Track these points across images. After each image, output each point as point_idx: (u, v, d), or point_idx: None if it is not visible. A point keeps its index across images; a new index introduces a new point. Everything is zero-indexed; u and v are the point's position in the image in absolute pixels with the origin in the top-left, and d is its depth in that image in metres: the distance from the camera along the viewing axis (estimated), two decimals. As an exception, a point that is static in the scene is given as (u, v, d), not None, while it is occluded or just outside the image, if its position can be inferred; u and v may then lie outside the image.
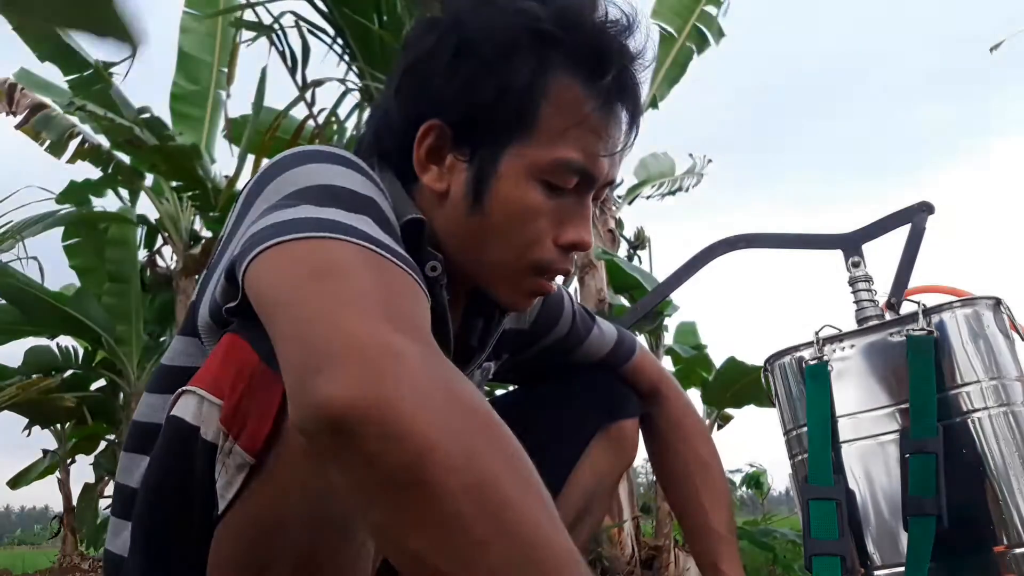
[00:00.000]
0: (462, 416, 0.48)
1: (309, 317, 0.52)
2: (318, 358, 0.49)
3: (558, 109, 0.77)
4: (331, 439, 0.47)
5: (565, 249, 0.81)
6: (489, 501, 0.45)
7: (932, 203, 1.39)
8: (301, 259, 0.57)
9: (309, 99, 3.02)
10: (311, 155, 0.71)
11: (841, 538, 1.16)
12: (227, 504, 0.64)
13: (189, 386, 0.67)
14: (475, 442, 0.47)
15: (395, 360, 0.48)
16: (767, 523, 4.29)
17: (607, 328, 1.13)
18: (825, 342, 1.27)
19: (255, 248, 0.60)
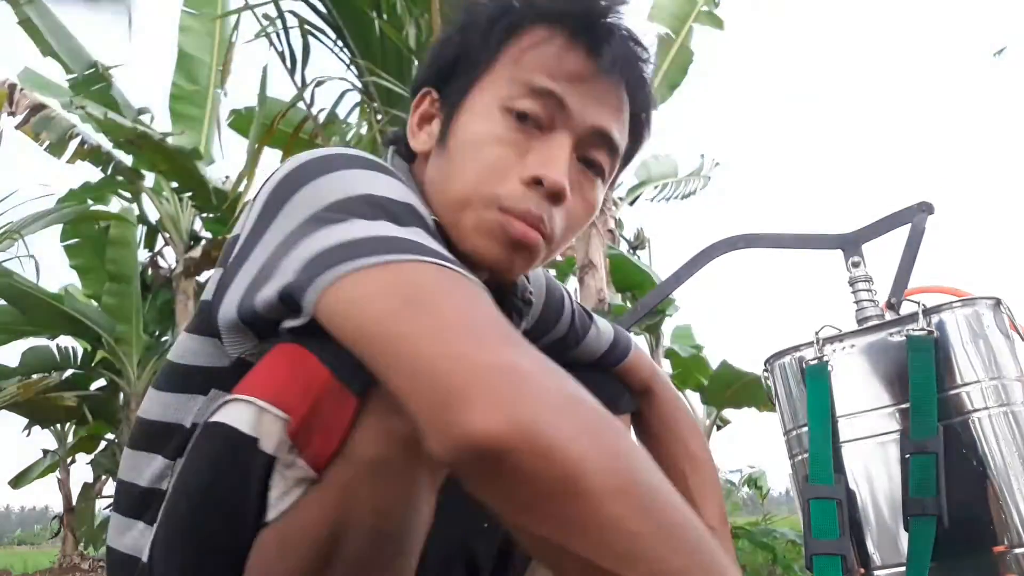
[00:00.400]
0: (589, 418, 0.51)
1: (426, 351, 0.53)
2: (451, 392, 0.50)
3: (521, 44, 0.78)
4: (484, 468, 0.49)
5: (529, 185, 0.75)
6: (638, 496, 0.48)
7: (932, 203, 1.39)
8: (388, 288, 0.57)
9: (308, 98, 3.03)
10: (337, 160, 0.70)
11: (841, 537, 1.16)
12: (279, 513, 0.63)
13: (242, 395, 0.65)
14: (609, 441, 0.50)
15: (522, 379, 0.50)
16: (767, 523, 4.29)
17: (604, 328, 1.13)
18: (825, 342, 1.27)
19: (326, 274, 0.59)
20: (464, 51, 0.80)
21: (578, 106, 0.76)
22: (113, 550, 0.77)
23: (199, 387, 0.73)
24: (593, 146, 0.79)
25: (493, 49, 0.79)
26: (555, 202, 0.76)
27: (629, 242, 7.30)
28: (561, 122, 0.76)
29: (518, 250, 0.77)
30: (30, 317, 5.91)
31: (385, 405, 0.61)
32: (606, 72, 0.77)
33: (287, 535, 0.63)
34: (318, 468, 0.62)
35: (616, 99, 0.79)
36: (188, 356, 0.77)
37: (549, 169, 0.74)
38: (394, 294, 0.57)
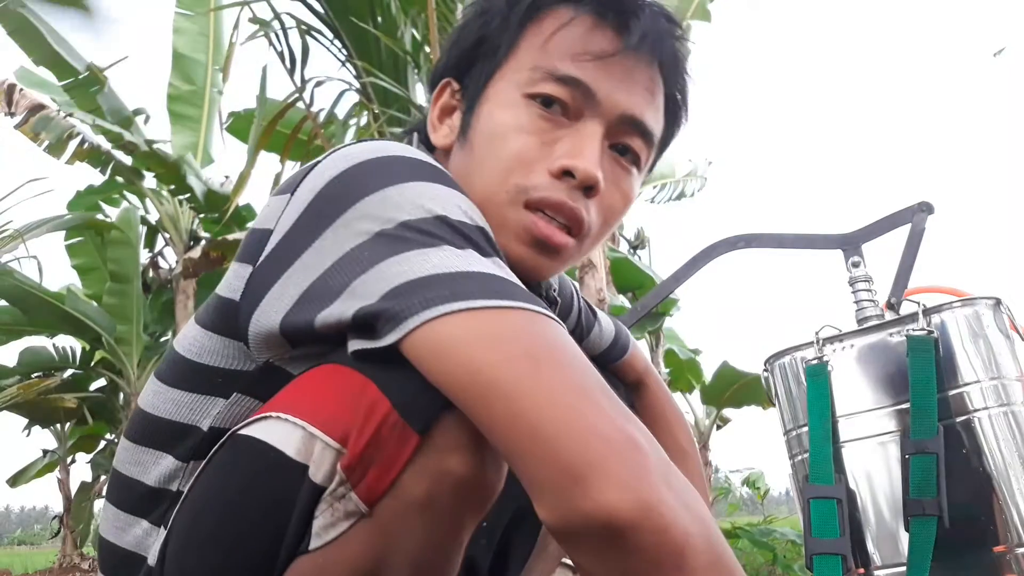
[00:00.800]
0: (686, 492, 0.54)
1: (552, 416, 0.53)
2: (582, 466, 0.52)
3: (543, 27, 0.74)
4: (602, 540, 0.52)
5: (558, 176, 0.70)
6: (726, 568, 0.53)
7: (932, 203, 1.39)
8: (503, 337, 0.56)
9: (308, 98, 3.02)
10: (400, 167, 0.65)
11: (842, 537, 1.16)
12: (322, 543, 0.61)
13: (286, 414, 0.62)
14: (703, 515, 0.54)
15: (644, 456, 0.53)
16: (767, 524, 4.30)
17: (606, 325, 1.13)
18: (825, 342, 1.27)
19: (429, 309, 0.56)
20: (483, 37, 0.76)
21: (607, 91, 0.71)
22: (111, 543, 0.75)
23: (219, 389, 0.70)
24: (625, 133, 0.74)
25: (514, 33, 0.74)
26: (589, 194, 0.72)
27: (629, 242, 7.30)
28: (590, 109, 0.72)
29: (545, 252, 0.72)
30: (30, 317, 5.91)
31: (443, 444, 0.60)
32: (636, 51, 0.72)
33: (326, 566, 0.61)
34: (370, 503, 0.60)
35: (648, 80, 0.75)
36: (205, 355, 0.71)
37: (580, 159, 0.70)
38: (510, 345, 0.56)
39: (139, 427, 0.74)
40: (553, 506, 0.53)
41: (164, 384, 0.74)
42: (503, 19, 0.75)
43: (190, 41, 5.84)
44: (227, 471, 0.65)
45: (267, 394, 0.68)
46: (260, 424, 0.63)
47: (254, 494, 0.63)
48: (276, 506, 0.62)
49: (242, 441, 0.64)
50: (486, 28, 0.76)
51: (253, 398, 0.70)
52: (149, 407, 0.74)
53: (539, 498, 0.53)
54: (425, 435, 0.59)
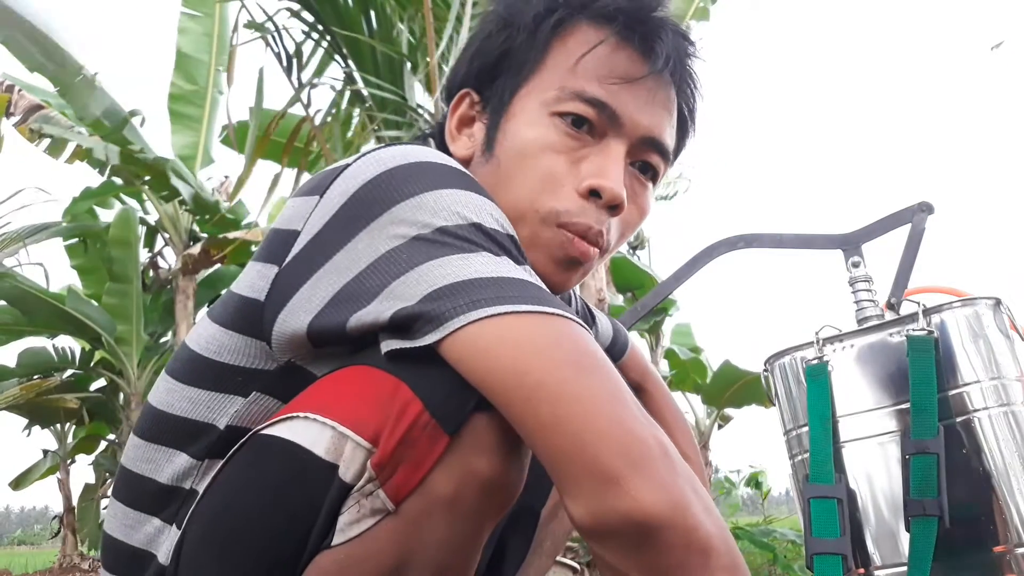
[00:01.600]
0: (706, 497, 0.57)
1: (594, 418, 0.56)
2: (621, 466, 0.55)
3: (568, 45, 0.75)
4: (634, 539, 0.55)
5: (585, 196, 0.72)
6: (738, 566, 0.56)
7: (932, 203, 1.39)
8: (548, 341, 0.58)
9: (305, 100, 3.02)
10: (433, 173, 0.66)
11: (842, 537, 1.16)
12: (346, 539, 0.62)
13: (315, 414, 0.62)
14: (720, 520, 0.56)
15: (672, 460, 0.56)
16: (767, 524, 4.30)
17: (604, 327, 1.13)
18: (825, 342, 1.27)
19: (471, 311, 0.57)
20: (508, 51, 0.77)
21: (631, 113, 0.73)
22: (118, 541, 0.74)
23: (238, 388, 0.70)
24: (646, 152, 0.76)
25: (540, 50, 0.75)
26: (614, 213, 0.74)
27: (629, 242, 7.31)
28: (614, 130, 0.74)
29: (574, 268, 0.75)
30: (30, 317, 5.91)
31: (471, 446, 0.61)
32: (659, 71, 0.74)
33: (350, 562, 0.62)
34: (397, 501, 0.61)
35: (667, 100, 0.77)
36: (224, 353, 0.71)
37: (606, 179, 0.72)
38: (552, 350, 0.58)
39: (151, 424, 0.74)
40: (590, 505, 0.55)
41: (179, 382, 0.73)
42: (529, 35, 0.76)
43: (194, 41, 5.84)
44: (251, 470, 0.65)
45: (287, 393, 0.68)
46: (286, 424, 0.63)
47: (282, 493, 0.63)
48: (303, 505, 0.62)
49: (267, 441, 0.64)
50: (510, 42, 0.77)
51: (272, 397, 0.70)
52: (162, 404, 0.74)
53: (576, 497, 0.56)
54: (455, 436, 0.61)
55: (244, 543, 0.64)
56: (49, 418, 7.02)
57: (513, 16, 0.78)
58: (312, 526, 0.62)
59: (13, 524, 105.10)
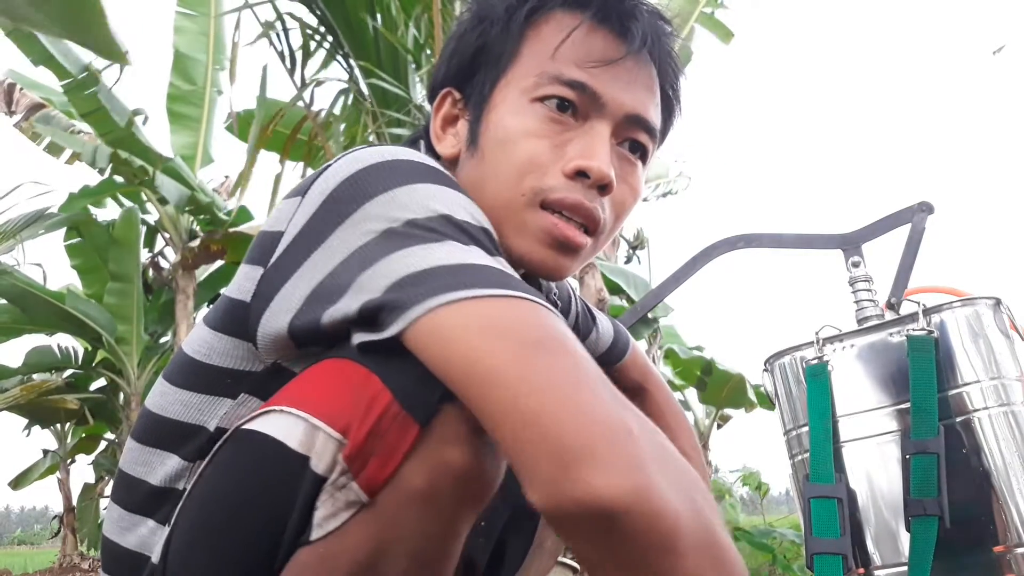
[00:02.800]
0: (681, 476, 0.53)
1: (547, 402, 0.53)
2: (575, 450, 0.52)
3: (543, 33, 0.75)
4: (595, 526, 0.52)
5: (572, 177, 0.72)
6: (717, 551, 0.52)
7: (932, 203, 1.39)
8: (503, 325, 0.56)
9: (308, 98, 3.02)
10: (406, 169, 0.66)
11: (842, 536, 1.16)
12: (324, 534, 0.62)
13: (289, 407, 0.63)
14: (697, 499, 0.53)
15: (636, 441, 0.52)
16: (767, 525, 4.30)
17: (604, 329, 1.13)
18: (825, 342, 1.27)
19: (430, 299, 0.57)
20: (483, 46, 0.77)
21: (612, 93, 0.73)
22: (115, 543, 0.75)
23: (227, 390, 0.70)
24: (631, 130, 0.76)
25: (515, 40, 0.75)
26: (603, 192, 0.73)
27: (629, 242, 7.31)
28: (597, 111, 0.73)
29: (565, 252, 0.74)
30: (30, 316, 5.91)
31: (443, 436, 0.60)
32: (636, 51, 0.74)
33: (327, 556, 0.62)
34: (371, 493, 0.61)
35: (648, 78, 0.77)
36: (214, 356, 0.72)
37: (593, 159, 0.71)
38: (510, 334, 0.56)
39: (146, 428, 0.75)
40: (545, 491, 0.52)
41: (172, 385, 0.74)
42: (503, 27, 0.76)
43: (191, 40, 5.83)
44: (229, 465, 0.66)
45: (273, 395, 0.68)
46: (262, 418, 0.64)
47: (256, 487, 0.64)
48: (278, 498, 0.62)
49: (245, 435, 0.64)
50: (485, 36, 0.77)
51: (260, 399, 0.70)
52: (156, 408, 0.75)
53: (531, 483, 0.53)
54: (426, 426, 0.60)
55: (224, 537, 0.65)
56: (49, 418, 7.02)
57: (486, 11, 0.78)
58: (287, 519, 0.62)
59: (13, 524, 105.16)
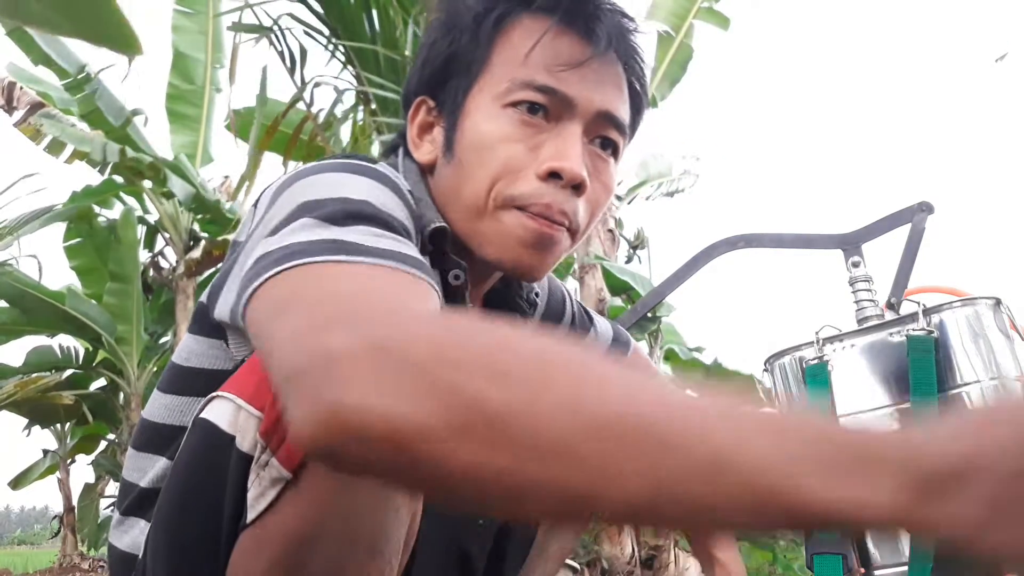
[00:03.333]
0: (422, 365, 0.42)
1: (268, 363, 0.51)
2: (280, 396, 0.48)
3: (512, 39, 0.77)
4: (331, 465, 0.46)
5: (545, 179, 0.73)
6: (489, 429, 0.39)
7: (932, 203, 1.39)
8: (270, 299, 0.55)
9: (308, 99, 3.03)
10: (326, 166, 0.69)
11: (842, 536, 1.16)
12: (256, 515, 0.63)
13: (224, 392, 0.66)
14: (445, 382, 0.41)
15: (334, 368, 0.43)
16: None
17: (603, 330, 1.13)
18: (825, 342, 1.27)
19: (252, 282, 0.57)
20: (454, 54, 0.79)
21: (582, 94, 0.75)
22: (114, 548, 0.78)
23: (201, 390, 0.73)
24: (602, 127, 0.78)
25: (485, 47, 0.77)
26: (577, 192, 0.75)
27: (629, 242, 7.29)
28: (567, 112, 0.75)
29: (542, 250, 0.75)
30: (30, 317, 5.91)
31: None
32: (603, 52, 0.75)
33: (262, 537, 0.63)
34: (291, 468, 0.61)
35: (616, 76, 0.78)
36: (192, 358, 0.77)
37: (565, 160, 0.73)
38: (274, 299, 0.54)
39: (139, 435, 0.80)
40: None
41: (160, 392, 0.79)
42: (472, 35, 0.78)
43: (189, 39, 5.83)
44: (182, 455, 0.69)
45: None
46: (207, 406, 0.67)
47: (197, 471, 0.67)
48: (216, 481, 0.64)
49: (194, 425, 0.68)
50: (456, 45, 0.79)
51: None
52: (147, 415, 0.80)
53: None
54: None
55: (174, 526, 0.68)
56: (49, 418, 7.02)
57: (455, 19, 0.80)
58: (226, 501, 0.64)
59: (13, 524, 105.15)
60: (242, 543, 0.64)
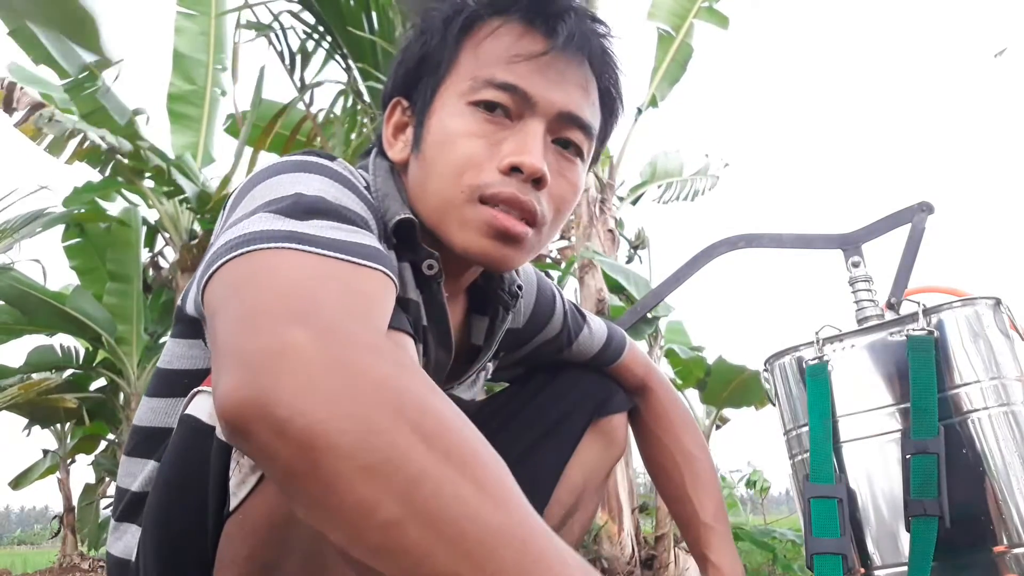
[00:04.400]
0: (360, 391, 0.44)
1: (216, 339, 0.51)
2: (217, 372, 0.48)
3: (478, 39, 0.79)
4: (239, 442, 0.46)
5: (507, 173, 0.75)
6: (395, 479, 0.41)
7: (932, 203, 1.39)
8: (223, 281, 0.56)
9: (307, 99, 3.03)
10: (282, 166, 0.70)
11: (843, 536, 1.16)
12: (239, 502, 0.64)
13: (205, 387, 0.68)
14: (374, 416, 0.43)
15: (280, 353, 0.45)
16: (767, 524, 4.30)
17: (597, 328, 1.13)
18: (825, 342, 1.27)
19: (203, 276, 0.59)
20: (425, 55, 0.81)
21: (543, 92, 0.76)
22: (111, 555, 0.79)
23: (184, 390, 0.74)
24: (565, 128, 0.79)
25: (452, 48, 0.79)
26: (538, 186, 0.76)
27: (630, 242, 7.28)
28: (529, 110, 0.76)
29: (507, 242, 0.76)
30: (30, 317, 5.91)
31: None
32: (564, 51, 0.77)
33: (245, 523, 0.64)
34: None
35: (581, 78, 0.79)
36: (175, 361, 0.78)
37: (525, 155, 0.74)
38: (228, 283, 0.55)
39: (129, 440, 0.81)
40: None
41: (146, 397, 0.81)
42: (441, 37, 0.80)
43: (191, 40, 5.83)
44: (168, 451, 0.71)
45: None
46: (191, 402, 0.69)
47: (181, 465, 0.68)
48: (199, 473, 0.66)
49: (179, 422, 0.69)
50: (427, 47, 0.81)
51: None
52: (137, 420, 0.81)
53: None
54: None
55: (165, 519, 0.69)
56: (49, 418, 7.01)
57: (427, 23, 0.83)
58: (209, 491, 0.65)
59: (13, 524, 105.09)
60: (227, 531, 0.65)
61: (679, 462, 1.13)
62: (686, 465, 1.12)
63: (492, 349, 0.95)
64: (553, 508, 1.06)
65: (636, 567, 2.82)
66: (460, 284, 0.88)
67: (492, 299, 0.93)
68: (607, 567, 2.74)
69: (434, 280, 0.79)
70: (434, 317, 0.81)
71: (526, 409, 1.09)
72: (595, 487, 1.13)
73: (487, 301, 0.93)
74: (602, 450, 1.10)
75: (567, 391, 1.10)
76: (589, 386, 1.11)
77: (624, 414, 1.13)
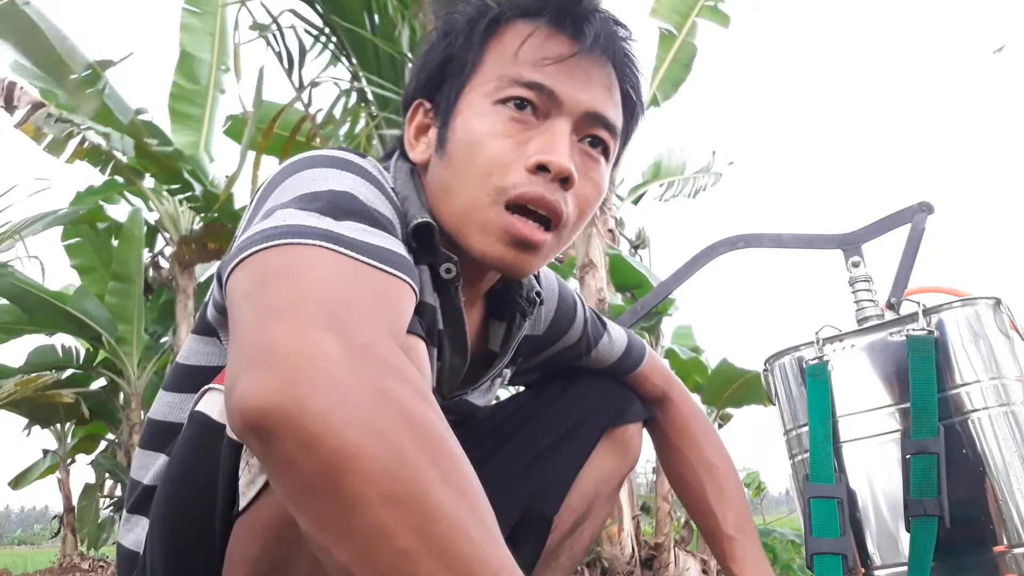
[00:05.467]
0: (391, 419, 0.45)
1: (243, 326, 0.51)
2: (242, 364, 0.48)
3: (503, 40, 0.79)
4: (253, 443, 0.46)
5: (534, 172, 0.74)
6: (415, 512, 0.42)
7: (932, 203, 1.39)
8: (257, 269, 0.55)
9: (306, 99, 3.03)
10: (315, 160, 0.70)
11: (842, 537, 1.16)
12: (248, 502, 0.64)
13: (216, 384, 0.68)
14: (403, 447, 0.44)
15: (315, 362, 0.45)
16: (766, 524, 4.30)
17: (617, 336, 1.13)
18: (825, 342, 1.27)
19: (232, 260, 0.58)
20: (449, 57, 0.81)
21: (569, 91, 0.76)
22: (121, 546, 0.80)
23: (198, 385, 0.74)
24: (591, 127, 0.79)
25: (477, 49, 0.79)
26: (565, 186, 0.76)
27: (630, 241, 7.28)
28: (556, 109, 0.76)
29: (525, 249, 0.76)
30: (30, 316, 5.92)
31: None
32: (591, 52, 0.77)
33: (254, 523, 0.64)
34: None
35: (605, 78, 0.80)
36: (192, 357, 0.79)
37: (553, 154, 0.74)
38: (256, 276, 0.55)
39: (144, 434, 0.82)
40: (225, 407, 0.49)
41: (163, 390, 0.81)
42: (466, 38, 0.80)
43: (196, 39, 5.83)
44: (178, 448, 0.71)
45: None
46: (202, 398, 0.69)
47: (190, 462, 0.68)
48: (208, 471, 0.65)
49: (190, 417, 0.70)
50: (451, 48, 0.81)
51: None
52: (152, 413, 0.82)
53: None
54: None
55: (174, 515, 0.69)
56: (49, 417, 7.01)
57: (451, 25, 0.83)
58: (219, 489, 0.65)
59: (13, 524, 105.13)
60: (237, 531, 0.65)
61: (699, 473, 1.12)
62: (707, 476, 1.12)
63: (509, 355, 0.95)
64: (564, 514, 1.06)
65: (636, 567, 2.82)
66: (478, 289, 0.88)
67: (510, 305, 0.92)
68: (607, 567, 2.74)
69: (452, 284, 0.78)
70: (450, 321, 0.81)
71: (542, 414, 1.09)
72: (607, 495, 1.12)
73: (505, 307, 0.92)
74: (616, 459, 1.10)
75: (583, 398, 1.09)
76: (606, 394, 1.11)
77: (639, 424, 1.13)
